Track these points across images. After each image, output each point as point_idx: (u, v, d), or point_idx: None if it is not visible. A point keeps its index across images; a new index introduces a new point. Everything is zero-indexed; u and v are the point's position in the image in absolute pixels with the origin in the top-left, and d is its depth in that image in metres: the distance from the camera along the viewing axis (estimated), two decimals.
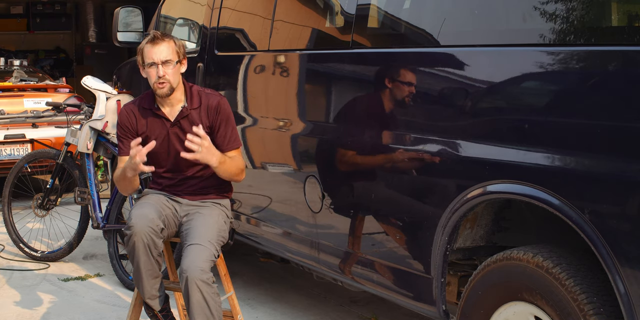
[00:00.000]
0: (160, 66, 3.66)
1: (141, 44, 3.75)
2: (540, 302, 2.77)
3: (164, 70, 3.66)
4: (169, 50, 3.69)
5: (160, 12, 6.05)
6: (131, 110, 3.82)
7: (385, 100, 3.55)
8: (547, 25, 2.79)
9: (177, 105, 3.78)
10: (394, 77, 3.50)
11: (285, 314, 4.75)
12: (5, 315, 4.77)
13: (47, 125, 8.02)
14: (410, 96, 3.42)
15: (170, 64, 3.68)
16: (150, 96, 3.81)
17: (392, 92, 3.50)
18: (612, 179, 2.52)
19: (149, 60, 3.68)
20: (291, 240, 4.28)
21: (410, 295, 3.43)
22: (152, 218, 3.61)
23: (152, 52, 3.67)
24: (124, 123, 3.81)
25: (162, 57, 3.66)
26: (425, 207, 3.29)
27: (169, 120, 3.78)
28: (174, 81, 3.70)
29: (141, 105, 3.82)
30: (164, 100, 3.77)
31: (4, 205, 6.12)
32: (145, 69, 3.72)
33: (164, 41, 3.69)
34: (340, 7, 3.93)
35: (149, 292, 3.72)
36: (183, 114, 3.76)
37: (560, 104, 2.74)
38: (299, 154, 4.21)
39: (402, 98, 3.46)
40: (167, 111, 3.78)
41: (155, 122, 3.78)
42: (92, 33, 16.13)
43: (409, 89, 3.40)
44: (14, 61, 9.54)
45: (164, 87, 3.69)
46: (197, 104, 3.78)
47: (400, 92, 3.47)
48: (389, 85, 3.51)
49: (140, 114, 3.80)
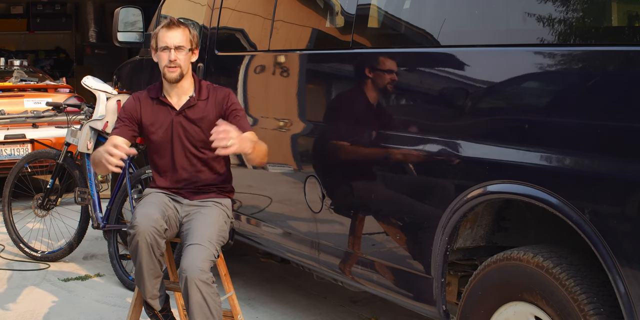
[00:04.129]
0: (173, 50, 3.71)
1: (156, 28, 3.81)
2: (541, 302, 2.77)
3: (176, 55, 3.71)
4: (183, 36, 3.74)
5: (161, 12, 6.05)
6: (138, 97, 3.88)
7: (385, 101, 3.55)
8: (547, 26, 2.79)
9: (184, 95, 3.82)
10: (394, 77, 3.50)
11: (286, 314, 4.75)
12: (5, 315, 4.77)
13: (48, 125, 8.02)
14: (410, 96, 3.42)
15: (183, 50, 3.73)
16: (157, 87, 3.86)
17: (392, 92, 3.50)
18: (612, 179, 2.52)
19: (162, 44, 3.73)
20: (291, 240, 4.28)
21: (410, 296, 3.43)
22: (156, 218, 3.61)
23: (167, 36, 3.73)
24: (128, 106, 3.86)
25: (176, 42, 3.72)
26: (426, 207, 3.29)
27: (174, 108, 3.80)
28: (184, 67, 3.75)
29: (149, 95, 3.87)
30: (171, 89, 3.80)
31: (4, 205, 6.11)
32: (157, 52, 3.77)
33: (180, 27, 3.75)
34: (341, 7, 3.94)
35: (150, 292, 3.72)
36: (190, 104, 3.79)
37: (560, 104, 2.74)
38: (299, 154, 4.21)
39: (402, 98, 3.46)
40: (174, 101, 3.82)
41: (160, 110, 3.82)
42: (92, 33, 16.14)
43: (409, 89, 3.40)
44: (14, 61, 9.54)
45: (175, 72, 3.73)
46: (205, 96, 3.82)
47: (400, 92, 3.46)
48: (389, 85, 3.51)
49: (146, 101, 3.85)
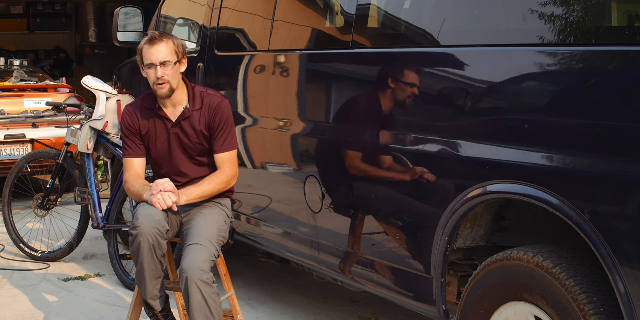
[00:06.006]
0: (159, 67, 3.66)
1: (140, 44, 3.75)
2: (541, 302, 2.77)
3: (162, 71, 3.66)
4: (168, 50, 3.68)
5: (161, 12, 6.05)
6: (133, 110, 3.83)
7: (385, 100, 3.55)
8: (547, 26, 2.79)
9: (179, 106, 3.78)
10: (394, 77, 3.50)
11: (286, 314, 4.75)
12: (5, 315, 4.77)
13: (48, 125, 8.02)
14: (410, 96, 3.42)
15: (169, 64, 3.68)
16: (152, 96, 3.81)
17: (392, 92, 3.50)
18: (612, 179, 2.52)
19: (147, 61, 3.69)
20: (291, 240, 4.28)
21: (410, 296, 3.43)
22: (159, 219, 3.60)
23: (151, 53, 3.67)
24: (127, 124, 3.81)
25: (161, 58, 3.66)
26: (426, 207, 3.29)
27: (171, 120, 3.78)
28: (173, 82, 3.70)
29: (143, 105, 3.82)
30: (165, 101, 3.77)
31: (4, 205, 6.11)
32: (144, 69, 3.73)
33: (162, 41, 3.68)
34: (341, 7, 3.94)
35: (151, 293, 3.72)
36: (185, 115, 3.76)
37: (560, 104, 2.73)
38: (299, 154, 4.21)
39: (402, 98, 3.46)
40: (170, 112, 3.79)
41: (156, 123, 3.79)
42: (92, 33, 16.13)
43: (409, 89, 3.40)
44: (14, 61, 9.53)
45: (164, 88, 3.69)
46: (200, 105, 3.78)
47: (400, 92, 3.47)
48: (389, 85, 3.51)
49: (142, 114, 3.81)
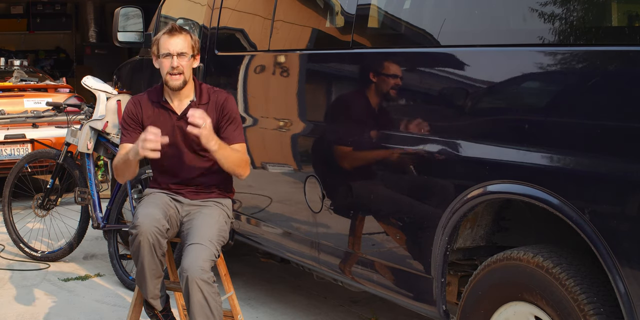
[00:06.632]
0: (176, 57, 3.68)
1: (157, 34, 3.78)
2: (541, 302, 2.77)
3: (178, 62, 3.69)
4: (185, 43, 3.71)
5: (161, 12, 6.05)
6: (138, 101, 3.85)
7: (385, 100, 3.55)
8: (547, 26, 2.79)
9: (185, 99, 3.80)
10: (394, 77, 3.50)
11: (286, 314, 4.75)
12: (5, 315, 4.77)
13: (48, 125, 8.02)
14: (410, 96, 3.42)
15: (185, 56, 3.70)
16: (158, 90, 3.83)
17: (392, 92, 3.50)
18: (612, 179, 2.52)
19: (164, 50, 3.70)
20: (291, 240, 4.28)
21: (410, 295, 3.43)
22: (159, 218, 3.60)
23: (169, 43, 3.70)
24: (130, 112, 3.83)
25: (178, 49, 3.69)
26: (426, 207, 3.29)
27: (176, 113, 3.79)
28: (187, 74, 3.73)
29: (149, 98, 3.84)
30: (173, 94, 3.79)
31: (4, 205, 6.11)
32: (159, 59, 3.74)
33: (182, 34, 3.72)
34: (341, 7, 3.94)
35: (151, 292, 3.72)
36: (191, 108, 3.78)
37: (560, 104, 2.74)
38: (299, 154, 4.21)
39: (402, 98, 3.46)
40: (175, 105, 3.81)
41: (161, 115, 3.80)
42: (92, 33, 16.14)
43: (409, 89, 3.40)
44: (14, 61, 9.53)
45: (179, 80, 3.71)
46: (206, 100, 3.80)
47: (400, 92, 3.47)
48: (389, 85, 3.51)
49: (146, 105, 3.82)
